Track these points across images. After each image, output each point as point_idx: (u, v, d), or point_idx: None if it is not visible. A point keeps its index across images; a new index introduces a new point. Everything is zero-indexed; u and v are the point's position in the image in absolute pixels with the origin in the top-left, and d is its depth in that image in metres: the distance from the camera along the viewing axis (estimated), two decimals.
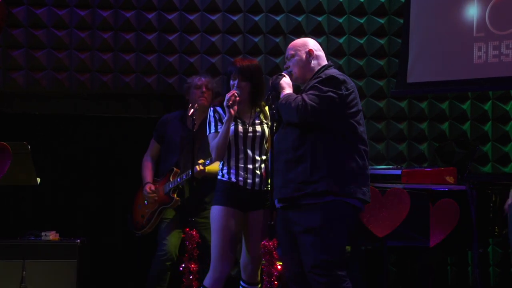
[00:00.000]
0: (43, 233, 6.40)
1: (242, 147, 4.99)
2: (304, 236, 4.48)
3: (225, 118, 4.91)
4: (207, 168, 5.68)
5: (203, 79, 6.04)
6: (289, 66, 4.74)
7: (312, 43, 4.78)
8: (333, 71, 4.63)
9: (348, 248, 6.28)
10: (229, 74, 5.04)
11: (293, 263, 4.58)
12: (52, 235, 6.42)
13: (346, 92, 4.49)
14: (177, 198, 5.96)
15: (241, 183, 4.97)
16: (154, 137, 6.21)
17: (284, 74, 4.72)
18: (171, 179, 5.99)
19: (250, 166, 4.98)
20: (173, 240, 5.99)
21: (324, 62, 4.76)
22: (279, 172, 4.57)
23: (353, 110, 4.53)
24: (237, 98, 4.90)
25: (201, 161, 5.65)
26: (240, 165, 4.98)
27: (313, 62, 4.71)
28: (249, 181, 4.96)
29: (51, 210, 7.03)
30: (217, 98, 5.42)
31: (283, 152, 4.55)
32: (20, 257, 6.23)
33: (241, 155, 4.99)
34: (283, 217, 4.61)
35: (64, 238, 6.46)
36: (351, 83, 4.57)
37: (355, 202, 4.52)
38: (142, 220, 6.10)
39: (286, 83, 4.67)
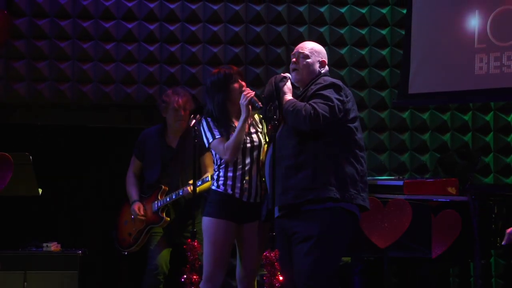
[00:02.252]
0: (44, 244, 6.40)
1: (240, 158, 4.91)
2: (301, 245, 4.47)
3: (244, 117, 4.79)
4: (198, 188, 5.61)
5: (180, 100, 5.87)
6: (298, 64, 4.73)
7: (325, 54, 4.82)
8: (330, 78, 4.66)
9: (348, 259, 6.29)
10: (227, 78, 4.95)
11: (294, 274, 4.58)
12: (53, 246, 6.41)
13: (346, 99, 4.53)
14: (167, 218, 5.87)
15: (237, 195, 4.90)
16: (134, 153, 6.09)
17: (288, 78, 4.71)
18: (159, 198, 5.90)
19: (247, 178, 4.92)
20: (163, 254, 5.90)
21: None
22: (278, 179, 4.54)
23: (351, 116, 4.57)
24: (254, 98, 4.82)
25: (191, 181, 5.49)
26: (237, 176, 4.91)
27: (320, 73, 4.74)
28: (245, 193, 4.91)
29: (53, 221, 7.03)
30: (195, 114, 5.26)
31: (283, 158, 4.53)
32: (21, 268, 6.23)
33: (239, 166, 4.91)
34: (282, 226, 4.60)
35: (66, 249, 6.46)
36: (348, 90, 4.64)
37: (354, 209, 4.52)
38: (129, 238, 6.01)
39: (288, 88, 4.68)
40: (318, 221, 4.44)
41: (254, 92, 4.85)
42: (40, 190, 5.74)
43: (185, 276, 4.95)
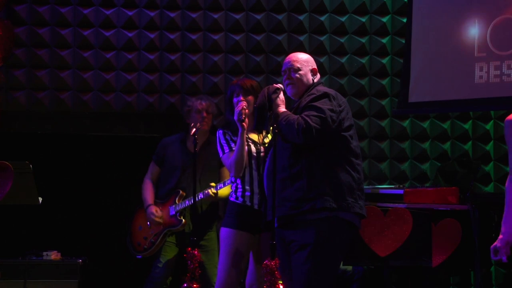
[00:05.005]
0: (44, 253, 6.40)
1: (256, 168, 4.95)
2: (298, 253, 4.47)
3: (239, 132, 4.83)
4: (218, 192, 5.66)
5: (203, 103, 5.99)
6: (292, 79, 4.72)
7: (313, 61, 4.81)
8: (323, 88, 4.65)
9: (349, 267, 6.28)
10: (231, 93, 5.06)
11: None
12: (53, 255, 6.41)
13: (339, 109, 4.51)
14: (185, 221, 5.93)
15: (255, 207, 4.94)
16: (154, 160, 6.17)
17: (281, 89, 4.71)
18: (177, 202, 5.96)
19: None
20: (170, 264, 5.97)
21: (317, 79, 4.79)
22: (275, 190, 4.55)
23: (346, 125, 4.54)
24: (247, 111, 4.86)
25: (213, 184, 5.62)
26: (254, 187, 4.94)
27: (314, 81, 4.73)
28: (263, 203, 4.91)
29: (53, 229, 7.02)
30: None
31: (278, 170, 4.52)
32: (21, 277, 6.22)
33: (256, 177, 4.96)
34: (280, 236, 4.60)
35: (66, 258, 6.46)
36: (342, 99, 4.61)
37: (352, 218, 4.51)
38: (144, 242, 6.05)
39: (281, 100, 4.68)
40: (314, 230, 4.44)
41: (242, 104, 4.87)
42: (40, 199, 5.73)
43: (185, 285, 4.95)
